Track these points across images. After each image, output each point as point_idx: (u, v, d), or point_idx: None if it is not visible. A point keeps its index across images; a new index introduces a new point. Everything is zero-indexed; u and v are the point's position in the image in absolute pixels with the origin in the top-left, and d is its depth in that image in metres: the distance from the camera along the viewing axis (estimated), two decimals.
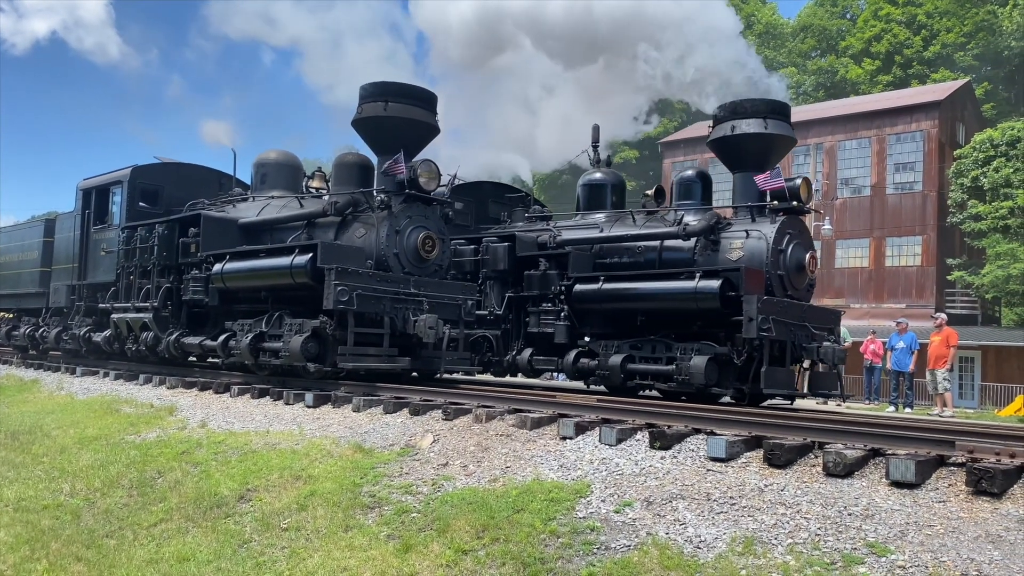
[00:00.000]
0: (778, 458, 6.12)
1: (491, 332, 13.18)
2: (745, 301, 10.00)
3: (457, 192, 14.53)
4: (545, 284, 12.48)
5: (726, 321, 10.46)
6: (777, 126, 11.51)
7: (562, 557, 5.23)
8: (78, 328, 16.91)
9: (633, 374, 11.17)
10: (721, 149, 12.08)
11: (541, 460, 6.96)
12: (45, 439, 10.78)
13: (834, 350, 11.04)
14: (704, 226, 11.55)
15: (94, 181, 17.22)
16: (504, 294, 13.12)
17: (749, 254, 11.16)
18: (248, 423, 9.90)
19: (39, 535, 7.19)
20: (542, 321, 12.40)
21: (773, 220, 11.33)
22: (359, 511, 6.53)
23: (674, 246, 12.02)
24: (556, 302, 12.31)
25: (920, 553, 4.59)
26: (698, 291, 10.47)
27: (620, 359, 11.12)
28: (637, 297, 11.34)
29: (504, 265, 13.15)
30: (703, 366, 10.19)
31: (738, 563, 4.79)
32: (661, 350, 11.02)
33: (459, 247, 13.67)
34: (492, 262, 13.23)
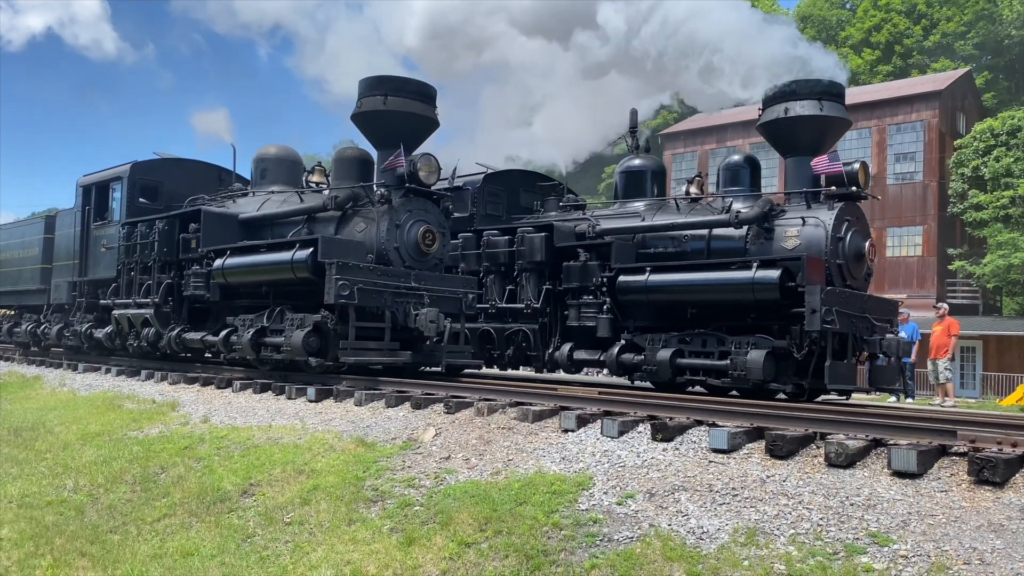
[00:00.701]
0: (780, 449, 6.13)
1: (528, 326, 12.67)
2: (807, 292, 9.50)
3: (488, 181, 14.27)
4: (586, 276, 11.98)
5: (784, 313, 9.94)
6: (832, 107, 11.03)
7: (565, 549, 5.24)
8: (79, 324, 16.93)
9: (683, 369, 10.58)
10: (772, 133, 11.53)
11: (543, 453, 6.97)
12: (48, 436, 10.80)
13: (898, 343, 10.55)
14: (757, 213, 10.98)
15: (94, 177, 17.21)
16: (541, 286, 12.61)
17: (806, 242, 10.62)
18: (250, 418, 9.92)
19: (43, 531, 7.21)
20: (582, 314, 11.94)
21: (831, 207, 10.79)
22: (362, 505, 6.54)
23: (724, 235, 11.48)
24: (598, 294, 11.82)
25: (922, 543, 4.60)
26: (756, 282, 9.91)
27: (669, 354, 10.52)
28: (688, 289, 10.73)
29: (541, 256, 12.58)
30: (761, 360, 9.65)
31: (741, 554, 4.80)
32: (713, 344, 10.47)
33: (492, 238, 13.26)
34: (528, 253, 12.68)
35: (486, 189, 14.50)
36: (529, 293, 12.62)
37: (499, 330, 12.96)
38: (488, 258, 13.16)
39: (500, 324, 13.04)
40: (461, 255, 13.68)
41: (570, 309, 12.19)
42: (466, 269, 13.49)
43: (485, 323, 13.28)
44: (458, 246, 13.73)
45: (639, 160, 13.60)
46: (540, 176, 16.12)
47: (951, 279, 33.61)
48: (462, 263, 13.63)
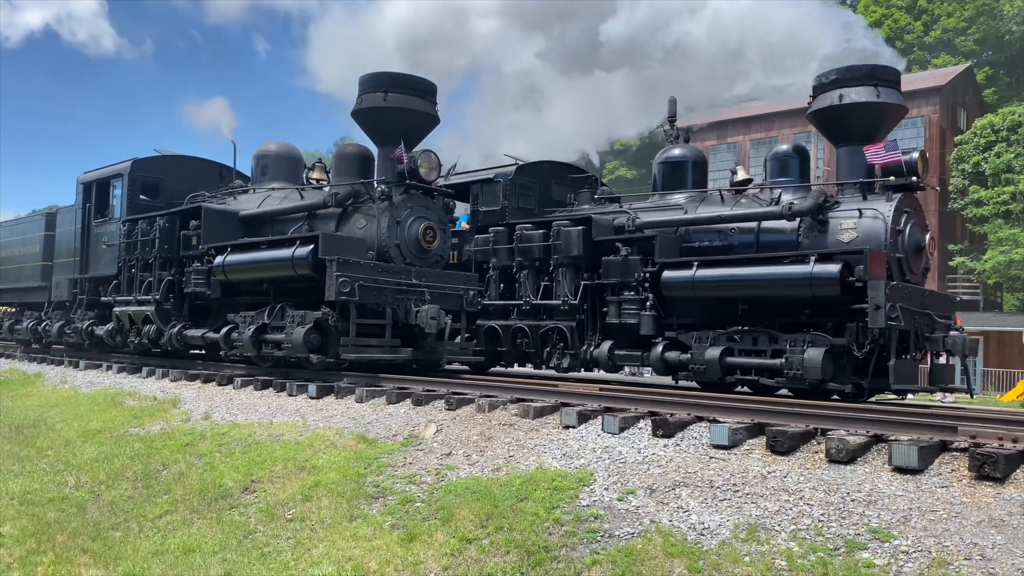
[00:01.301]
0: (781, 445, 6.13)
1: (564, 323, 12.09)
2: (871, 287, 9.03)
3: (521, 173, 13.82)
4: (627, 271, 11.45)
5: (842, 310, 9.48)
6: (889, 94, 10.58)
7: (566, 545, 5.25)
8: (80, 322, 16.94)
9: (732, 368, 10.08)
10: (824, 120, 11.03)
11: (544, 449, 6.98)
12: (50, 432, 10.81)
13: (964, 340, 10.04)
14: (812, 205, 10.43)
15: (94, 174, 17.21)
16: (578, 282, 12.05)
17: (864, 235, 10.07)
18: (251, 415, 9.93)
19: (45, 528, 7.22)
20: (623, 311, 11.40)
21: (889, 197, 10.26)
22: (363, 501, 6.55)
23: (774, 227, 10.91)
24: (639, 290, 11.31)
25: (923, 538, 4.60)
26: (815, 276, 9.39)
27: (718, 352, 10.01)
28: (740, 284, 10.15)
29: (578, 251, 12.03)
30: (819, 359, 9.14)
31: (741, 549, 4.81)
32: (764, 342, 9.96)
33: (525, 232, 12.67)
34: (565, 248, 12.11)
35: (518, 181, 13.83)
36: (565, 289, 12.11)
37: (533, 327, 12.43)
38: (521, 253, 12.63)
39: (534, 321, 12.49)
40: (492, 250, 13.13)
41: (609, 306, 11.67)
42: (498, 264, 13.05)
43: (518, 320, 12.72)
44: (489, 240, 13.21)
45: (679, 150, 12.94)
46: (572, 168, 15.38)
47: (952, 275, 33.58)
48: (493, 258, 13.12)
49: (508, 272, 13.09)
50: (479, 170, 14.37)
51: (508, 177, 13.69)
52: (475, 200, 14.25)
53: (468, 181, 14.31)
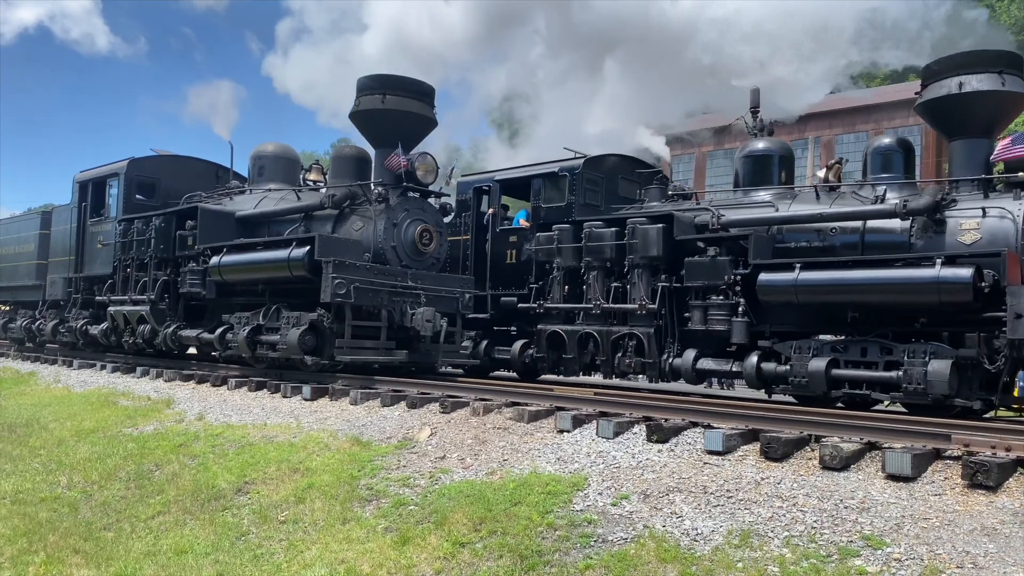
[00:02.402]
0: (775, 451, 6.14)
1: (641, 329, 10.94)
2: (1010, 293, 8.18)
3: (589, 167, 12.87)
4: (714, 273, 10.41)
5: (967, 318, 8.68)
6: (1014, 82, 9.62)
7: (559, 550, 5.24)
8: (75, 321, 16.89)
9: (839, 382, 9.13)
10: (937, 112, 10.13)
11: (538, 453, 6.98)
12: (42, 432, 10.78)
13: None
14: (929, 203, 9.49)
15: (91, 173, 17.18)
16: (656, 285, 10.99)
17: (989, 236, 9.17)
18: (246, 416, 9.91)
19: (37, 527, 7.20)
20: (710, 317, 10.42)
21: (1016, 195, 9.34)
22: (357, 504, 6.54)
23: (882, 227, 9.97)
24: (729, 294, 10.28)
25: (916, 546, 4.61)
26: (943, 281, 8.47)
27: (824, 364, 9.05)
28: (852, 288, 9.17)
29: (657, 251, 10.95)
30: (946, 372, 8.26)
31: (735, 556, 4.81)
32: (875, 352, 9.03)
33: (595, 229, 11.60)
34: (642, 247, 11.05)
35: (585, 175, 12.75)
36: (642, 292, 11.03)
37: (604, 334, 11.30)
38: (590, 252, 11.56)
39: (604, 327, 11.37)
40: (557, 249, 12.01)
41: (692, 311, 10.64)
42: (563, 264, 11.98)
43: (585, 325, 11.59)
44: (553, 239, 12.08)
45: (763, 143, 11.90)
46: (639, 162, 14.15)
47: None
48: (557, 257, 12.01)
49: (574, 273, 12.05)
50: (540, 163, 13.27)
51: (575, 171, 12.72)
52: (536, 195, 13.20)
53: (528, 175, 13.38)
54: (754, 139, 12.21)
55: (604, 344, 11.32)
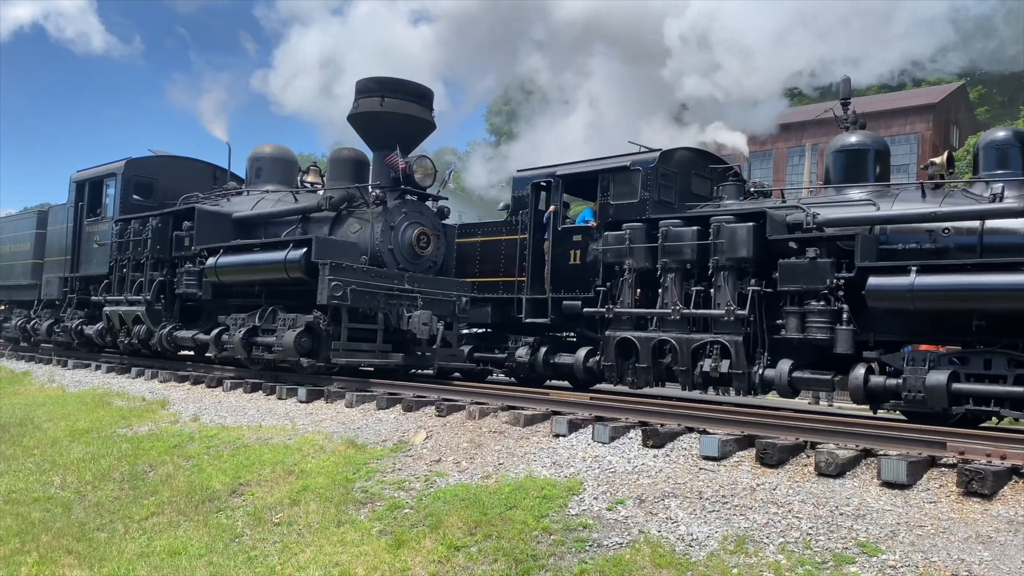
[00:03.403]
0: (770, 457, 6.14)
1: (727, 337, 9.87)
2: None
3: (664, 161, 11.90)
4: (814, 276, 9.48)
5: None
6: None
7: (554, 554, 5.23)
8: (70, 320, 16.85)
9: (961, 397, 8.31)
10: None
11: (534, 457, 6.97)
12: (36, 431, 10.74)
13: None
14: None
15: (88, 173, 17.16)
16: (744, 288, 10.02)
17: None
18: (241, 417, 9.88)
19: (29, 527, 7.17)
20: (808, 324, 9.48)
21: None
22: (351, 506, 6.52)
23: (1004, 228, 9.16)
24: (831, 300, 9.40)
25: (911, 553, 4.61)
26: None
27: (944, 377, 8.22)
28: (981, 295, 8.32)
29: (747, 251, 9.98)
30: None
31: (730, 561, 4.81)
32: (1002, 365, 8.26)
33: (673, 228, 10.60)
34: (729, 247, 10.07)
35: (660, 170, 11.71)
36: (728, 296, 10.03)
37: (683, 342, 10.22)
38: (668, 253, 10.56)
39: (683, 334, 10.29)
40: (629, 249, 10.89)
41: (787, 317, 9.70)
42: (634, 266, 10.84)
43: (661, 332, 10.50)
44: (624, 239, 10.97)
45: (856, 137, 10.99)
46: (712, 157, 13.11)
47: None
48: (629, 259, 10.87)
49: (646, 275, 10.98)
50: (606, 157, 12.36)
51: (649, 165, 11.72)
52: (604, 192, 12.12)
53: (595, 170, 12.31)
54: (845, 132, 11.28)
55: (683, 353, 10.27)
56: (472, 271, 13.54)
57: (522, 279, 12.69)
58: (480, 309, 13.02)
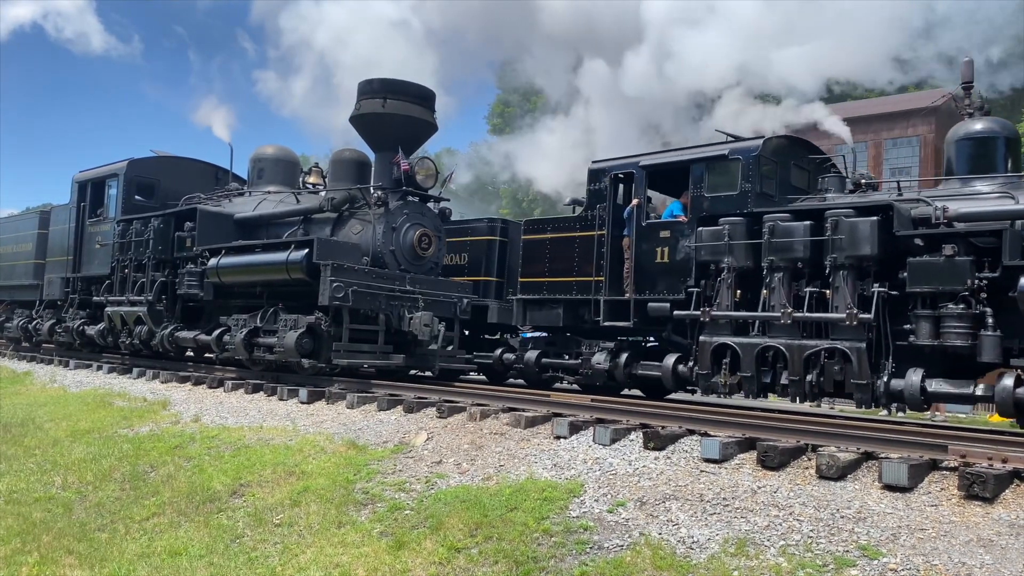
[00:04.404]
0: (771, 460, 6.13)
1: (848, 344, 8.78)
2: None
3: (767, 149, 10.72)
4: (952, 276, 8.49)
5: None
6: None
7: (555, 556, 5.23)
8: (72, 321, 16.87)
9: None
10: None
11: (535, 459, 6.97)
12: (37, 432, 10.74)
13: None
14: None
15: (90, 174, 17.18)
16: (866, 289, 9.00)
17: None
18: (242, 418, 9.89)
19: (30, 527, 7.17)
20: (944, 330, 8.48)
21: None
22: (352, 507, 6.52)
23: None
24: (972, 303, 8.42)
25: (912, 556, 4.61)
26: None
27: None
28: None
29: (871, 249, 8.93)
30: None
31: (731, 564, 4.80)
32: None
33: (780, 223, 9.54)
34: (848, 244, 9.06)
35: (763, 159, 10.49)
36: (847, 298, 8.98)
37: (794, 348, 9.13)
38: (775, 250, 9.50)
39: (793, 340, 9.18)
40: (728, 246, 9.75)
41: (918, 322, 8.67)
42: (734, 264, 9.73)
43: (766, 337, 9.35)
44: (722, 234, 9.84)
45: (982, 124, 9.96)
46: (811, 146, 11.86)
47: None
48: (728, 256, 9.76)
49: (747, 275, 9.87)
50: (699, 145, 11.42)
51: (751, 153, 10.51)
52: (697, 183, 10.85)
53: (686, 159, 11.10)
54: (969, 119, 10.21)
55: (794, 361, 9.23)
56: (540, 270, 12.24)
57: (599, 279, 11.41)
58: (549, 311, 12.01)
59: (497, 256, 14.09)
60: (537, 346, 12.41)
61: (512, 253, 13.64)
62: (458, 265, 14.38)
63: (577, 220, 12.07)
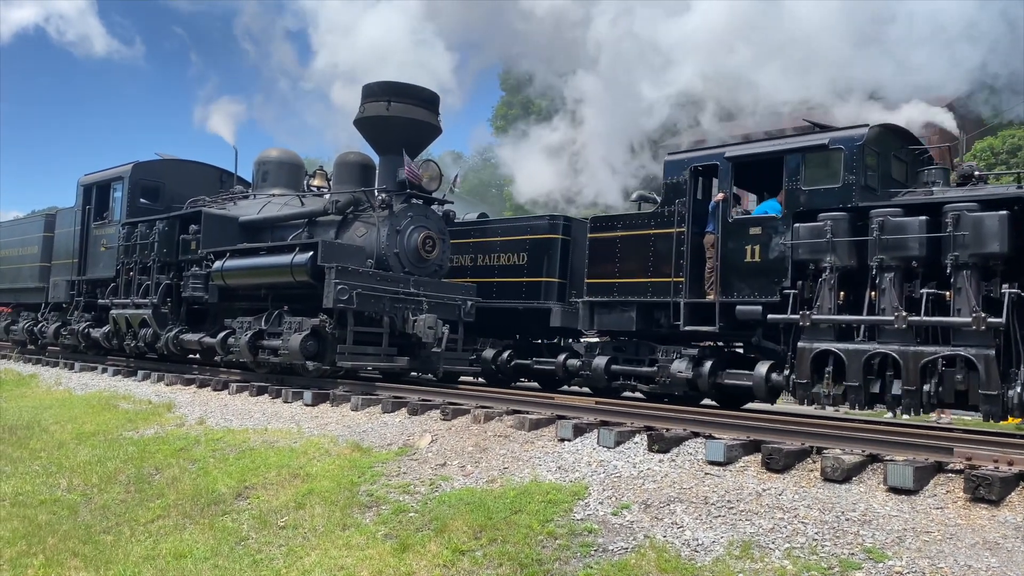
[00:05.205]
0: (776, 462, 6.12)
1: (973, 351, 8.00)
2: None
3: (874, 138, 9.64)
4: None
5: None
6: None
7: (559, 559, 5.23)
8: (77, 323, 16.91)
9: None
10: None
11: (539, 461, 6.96)
12: (43, 434, 10.77)
13: None
14: None
15: (95, 177, 17.23)
16: (994, 291, 8.30)
17: None
18: (246, 421, 9.90)
19: (36, 530, 7.19)
20: None
21: None
22: (357, 510, 6.52)
23: None
24: None
25: (917, 559, 4.59)
26: None
27: None
28: None
29: (999, 246, 8.17)
30: None
31: (735, 567, 4.79)
32: None
33: (891, 219, 8.71)
34: (973, 241, 8.31)
35: (868, 149, 9.51)
36: (972, 301, 8.23)
37: (909, 355, 8.29)
38: (886, 248, 8.68)
39: (907, 346, 8.36)
40: (830, 244, 8.90)
41: None
42: (837, 264, 8.91)
43: (875, 343, 8.52)
44: (823, 231, 8.99)
45: None
46: (911, 137, 10.82)
47: None
48: (830, 255, 8.93)
49: (851, 275, 9.09)
50: (793, 135, 10.44)
51: (855, 143, 9.49)
52: (792, 176, 9.82)
53: (779, 150, 10.04)
54: None
55: (909, 369, 8.44)
56: (609, 271, 11.24)
57: (679, 279, 10.43)
58: (621, 314, 11.00)
59: (559, 255, 13.16)
60: (605, 352, 11.30)
61: (576, 252, 12.86)
62: (516, 265, 13.50)
63: (652, 216, 11.11)
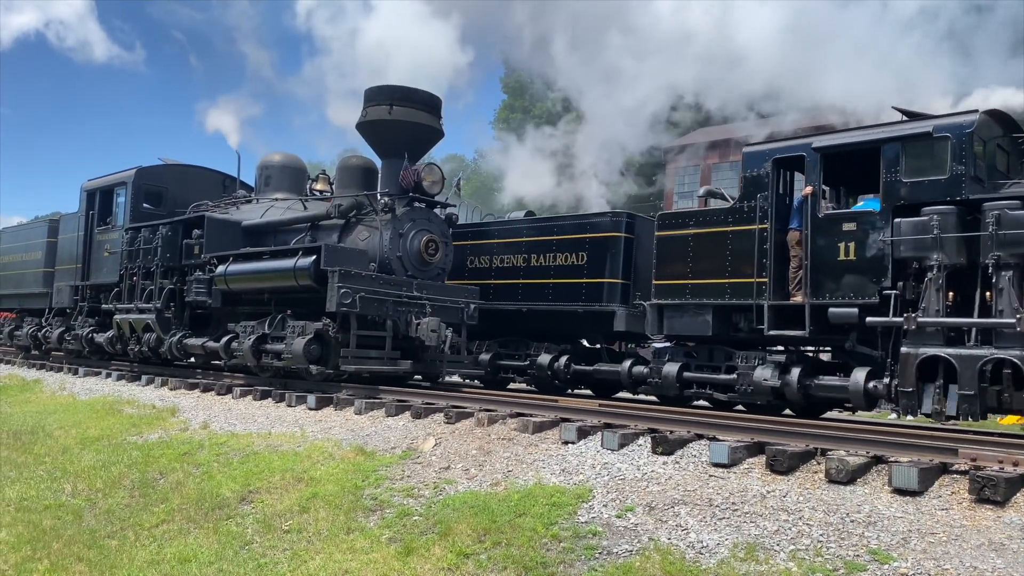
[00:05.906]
0: (780, 464, 6.12)
1: None
2: None
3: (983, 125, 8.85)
4: None
5: None
6: None
7: (564, 561, 5.22)
8: (81, 328, 16.94)
9: None
10: None
11: (543, 464, 6.96)
12: (47, 439, 10.79)
13: None
14: None
15: (98, 182, 17.27)
16: None
17: None
18: (250, 425, 9.91)
19: (41, 535, 7.19)
20: None
21: None
22: (361, 513, 6.52)
23: None
24: None
25: (923, 560, 4.58)
26: None
27: None
28: None
29: None
30: None
31: (740, 569, 4.79)
32: None
33: (1008, 212, 8.01)
34: None
35: (976, 137, 8.71)
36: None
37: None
38: (1002, 245, 7.98)
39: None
40: (937, 240, 8.17)
41: None
42: (945, 262, 8.16)
43: (992, 348, 7.77)
44: (930, 226, 8.24)
45: None
46: (1014, 124, 9.89)
47: None
48: (936, 252, 8.19)
49: (960, 274, 8.40)
50: (889, 123, 9.48)
51: (964, 130, 8.68)
52: (891, 167, 8.96)
53: (873, 139, 9.18)
54: None
55: None
56: (681, 271, 10.49)
57: (762, 280, 9.66)
58: (694, 318, 10.28)
59: (623, 255, 12.37)
60: (676, 358, 10.58)
61: (641, 251, 12.23)
62: (575, 266, 12.72)
63: (729, 212, 10.29)
